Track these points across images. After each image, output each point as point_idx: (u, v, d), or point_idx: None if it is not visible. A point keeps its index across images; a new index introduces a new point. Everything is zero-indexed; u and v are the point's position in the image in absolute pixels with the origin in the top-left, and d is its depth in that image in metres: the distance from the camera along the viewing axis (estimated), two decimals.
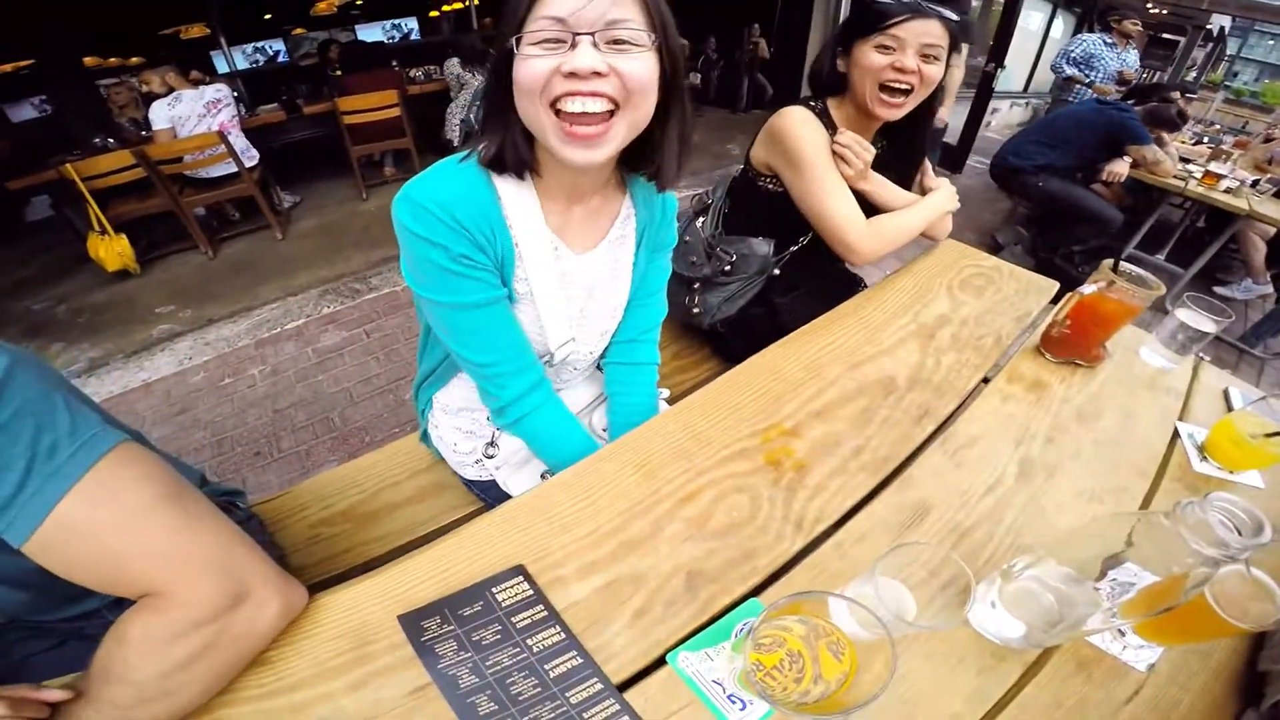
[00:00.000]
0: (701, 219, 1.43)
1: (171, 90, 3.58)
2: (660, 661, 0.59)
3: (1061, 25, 9.39)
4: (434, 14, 8.45)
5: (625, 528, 0.71)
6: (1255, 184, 3.23)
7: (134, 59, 6.14)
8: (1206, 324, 1.00)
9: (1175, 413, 0.97)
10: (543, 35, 0.62)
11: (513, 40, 0.63)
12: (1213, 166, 3.23)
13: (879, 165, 1.25)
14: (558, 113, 0.64)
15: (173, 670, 0.52)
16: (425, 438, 1.17)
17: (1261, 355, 2.93)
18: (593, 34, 0.61)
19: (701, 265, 1.37)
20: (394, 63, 5.33)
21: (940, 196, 1.34)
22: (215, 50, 6.51)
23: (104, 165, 3.21)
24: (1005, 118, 8.36)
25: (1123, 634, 0.66)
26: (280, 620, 0.59)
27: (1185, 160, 3.53)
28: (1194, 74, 14.45)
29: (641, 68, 0.64)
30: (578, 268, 0.85)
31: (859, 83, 1.15)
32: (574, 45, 0.61)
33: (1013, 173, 3.27)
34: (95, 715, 0.51)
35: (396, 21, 7.77)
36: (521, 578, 0.63)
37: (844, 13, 4.73)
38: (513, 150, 0.72)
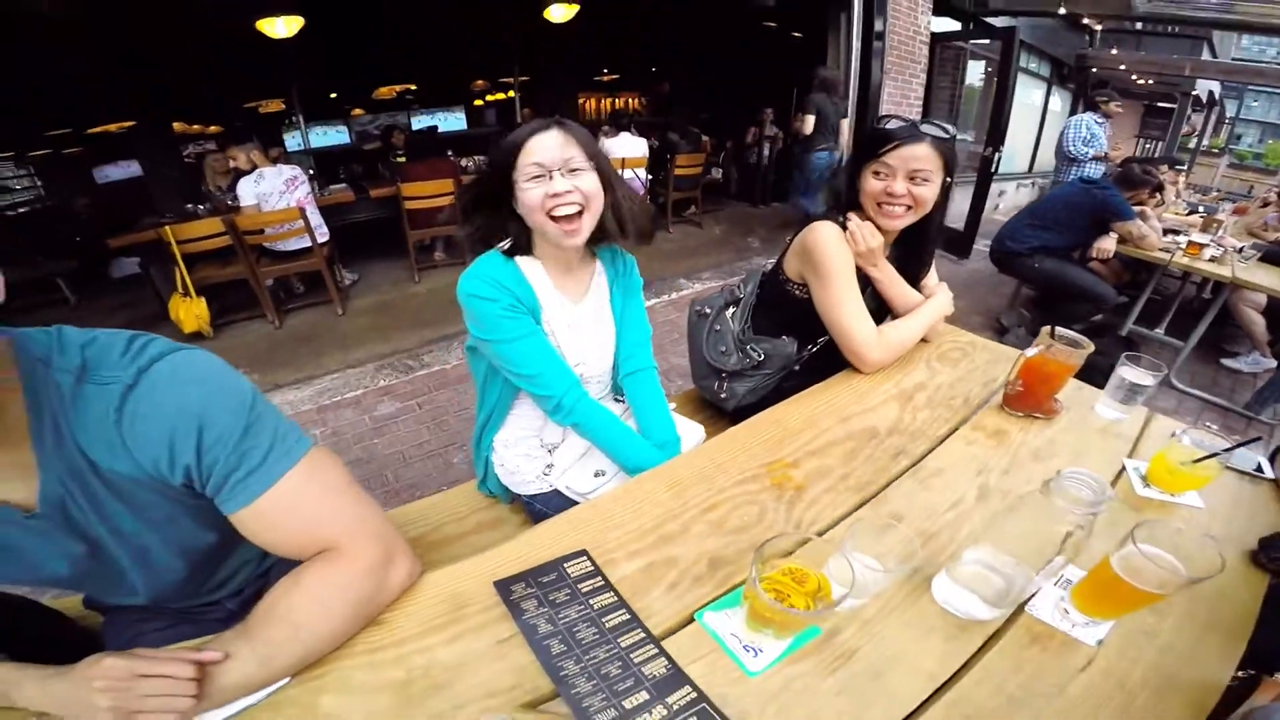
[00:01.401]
0: (732, 309, 1.61)
1: (255, 167, 3.96)
2: (690, 620, 0.78)
3: (1059, 101, 9.68)
4: (478, 103, 9.32)
5: (661, 527, 0.92)
6: (1241, 250, 3.34)
7: (213, 128, 6.85)
8: (1145, 378, 1.19)
9: (1124, 453, 1.14)
10: (531, 174, 1.02)
11: (515, 178, 1.04)
12: (1196, 236, 3.39)
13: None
14: (553, 218, 1.03)
15: (327, 613, 0.70)
16: (483, 484, 1.40)
17: (1269, 421, 2.99)
18: (558, 169, 1.01)
19: (729, 355, 1.54)
20: (449, 152, 5.81)
21: (940, 301, 1.49)
22: (290, 127, 7.20)
23: (197, 230, 3.59)
24: (1013, 199, 8.65)
25: (1068, 613, 0.80)
26: (407, 581, 0.79)
27: (1175, 232, 3.67)
28: (1194, 141, 14.65)
29: (591, 183, 1.05)
30: (577, 313, 1.22)
31: (864, 202, 1.37)
32: (550, 177, 1.01)
33: (1010, 256, 3.51)
34: (248, 652, 0.65)
35: (447, 111, 8.56)
36: (585, 558, 0.84)
37: (854, 81, 5.19)
38: (522, 241, 1.15)
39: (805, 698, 0.68)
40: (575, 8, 5.98)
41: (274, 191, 3.90)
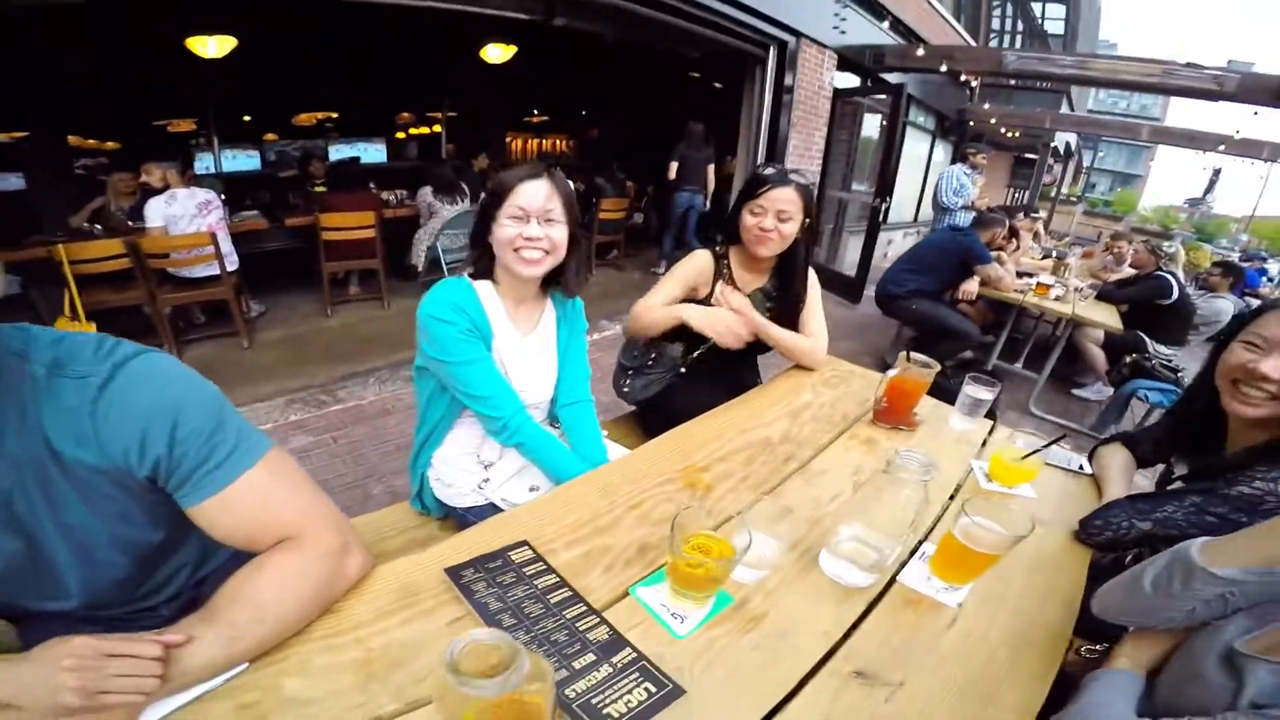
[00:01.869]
0: None
1: (168, 187, 3.77)
2: (625, 594, 0.90)
3: (942, 152, 10.56)
4: (401, 136, 9.13)
5: (595, 520, 1.05)
6: (1080, 290, 3.86)
7: (109, 144, 6.38)
8: (984, 393, 1.46)
9: (972, 456, 1.40)
10: (513, 214, 1.17)
11: (497, 214, 1.18)
12: (1042, 278, 3.91)
13: (769, 296, 1.77)
14: (517, 251, 1.18)
15: (289, 596, 0.75)
16: (416, 499, 1.46)
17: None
18: (537, 217, 1.17)
19: (637, 356, 1.87)
20: (371, 184, 5.74)
21: (699, 310, 1.68)
22: (199, 148, 6.88)
23: (93, 251, 3.36)
24: (900, 247, 9.28)
25: (930, 580, 0.98)
26: (361, 572, 0.86)
27: (1028, 275, 4.20)
28: (1055, 190, 16.08)
29: (561, 234, 1.21)
30: (525, 343, 1.34)
31: (742, 234, 1.68)
32: (528, 221, 1.16)
33: (891, 299, 3.91)
34: (212, 635, 0.67)
35: (367, 142, 8.40)
36: (527, 547, 0.95)
37: (763, 132, 5.69)
38: (485, 269, 1.29)
39: (727, 654, 0.81)
40: (513, 49, 6.11)
41: (185, 215, 3.73)
